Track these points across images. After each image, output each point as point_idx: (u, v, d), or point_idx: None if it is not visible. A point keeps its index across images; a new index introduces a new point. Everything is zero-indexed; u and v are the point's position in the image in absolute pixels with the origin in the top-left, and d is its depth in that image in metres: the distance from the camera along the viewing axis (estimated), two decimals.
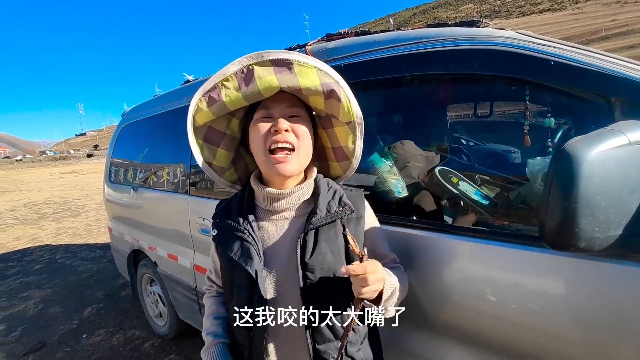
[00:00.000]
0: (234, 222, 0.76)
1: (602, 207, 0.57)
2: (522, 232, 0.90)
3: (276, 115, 0.73)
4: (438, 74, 0.97)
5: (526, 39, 0.83)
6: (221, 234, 0.79)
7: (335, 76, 0.73)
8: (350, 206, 0.77)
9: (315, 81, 0.71)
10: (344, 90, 0.73)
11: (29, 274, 4.06)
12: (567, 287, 0.74)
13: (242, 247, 0.73)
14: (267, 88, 0.70)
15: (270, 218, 0.79)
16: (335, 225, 0.76)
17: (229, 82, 0.72)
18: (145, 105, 2.55)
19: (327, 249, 0.74)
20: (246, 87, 0.71)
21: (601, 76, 0.71)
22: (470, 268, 0.89)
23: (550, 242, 0.62)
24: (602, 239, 0.59)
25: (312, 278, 0.71)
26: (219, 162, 0.85)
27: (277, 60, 0.70)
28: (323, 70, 0.72)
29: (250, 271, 0.71)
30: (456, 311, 0.92)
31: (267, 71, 0.70)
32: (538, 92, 0.87)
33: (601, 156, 0.56)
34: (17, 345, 2.56)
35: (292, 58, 0.70)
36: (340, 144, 0.81)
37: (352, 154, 0.82)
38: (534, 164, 0.92)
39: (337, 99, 0.72)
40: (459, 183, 1.07)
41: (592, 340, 0.72)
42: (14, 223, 7.20)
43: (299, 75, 0.70)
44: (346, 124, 0.77)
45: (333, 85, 0.71)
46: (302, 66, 0.70)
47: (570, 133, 0.95)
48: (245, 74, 0.71)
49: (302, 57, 0.71)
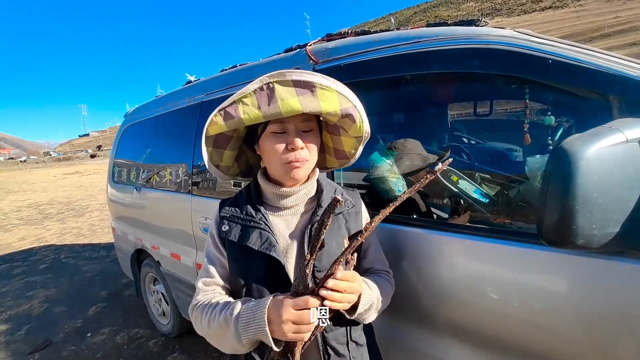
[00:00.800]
0: (247, 214, 0.78)
1: (599, 204, 0.58)
2: (522, 229, 0.91)
3: (290, 129, 0.75)
4: (438, 73, 0.98)
5: (525, 38, 0.84)
6: (233, 228, 0.79)
7: (354, 100, 0.75)
8: (350, 201, 0.85)
9: (336, 106, 0.72)
10: (360, 113, 0.75)
11: (34, 274, 4.09)
12: (566, 285, 0.75)
13: (262, 237, 0.75)
14: (289, 111, 0.71)
15: (278, 214, 0.81)
16: (338, 219, 0.81)
17: (248, 99, 0.72)
18: (147, 106, 2.57)
19: (331, 239, 0.77)
20: (267, 106, 0.71)
21: (599, 74, 0.71)
22: (469, 266, 0.89)
23: (548, 239, 0.62)
24: (600, 236, 0.59)
25: (318, 266, 0.75)
26: (225, 163, 0.87)
27: (299, 81, 0.71)
28: (343, 95, 0.73)
29: (277, 257, 0.72)
30: (456, 309, 0.92)
31: (289, 92, 0.71)
32: (537, 91, 0.88)
33: (599, 154, 0.57)
34: (23, 344, 2.59)
35: (315, 81, 0.70)
36: (344, 149, 0.85)
37: (352, 157, 0.87)
38: (533, 162, 0.93)
39: (352, 120, 0.75)
40: (459, 181, 1.07)
41: (592, 337, 0.72)
42: (18, 223, 7.26)
43: (320, 99, 0.71)
44: (354, 137, 0.80)
45: (351, 109, 0.74)
46: (324, 90, 0.71)
47: (569, 131, 0.95)
48: (265, 91, 0.72)
49: (325, 80, 0.72)
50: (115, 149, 2.91)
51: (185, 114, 1.94)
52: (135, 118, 2.68)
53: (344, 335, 0.78)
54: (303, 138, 0.75)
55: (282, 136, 0.75)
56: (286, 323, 0.63)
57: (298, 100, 0.70)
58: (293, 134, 0.75)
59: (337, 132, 0.83)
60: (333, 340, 0.76)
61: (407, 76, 1.04)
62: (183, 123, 1.96)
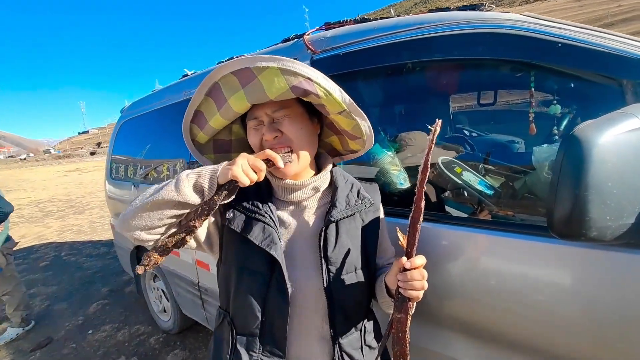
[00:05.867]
0: (253, 205, 0.72)
1: (614, 194, 0.55)
2: (528, 222, 0.88)
3: (265, 121, 0.71)
4: (441, 60, 0.94)
5: (532, 21, 0.80)
6: (237, 217, 0.72)
7: (305, 71, 0.64)
8: (369, 199, 0.78)
9: (282, 86, 0.63)
10: (320, 84, 0.64)
11: (35, 271, 4.09)
12: (577, 279, 0.72)
13: (264, 231, 0.69)
14: (240, 108, 0.68)
15: (286, 209, 0.76)
16: (354, 219, 0.76)
17: (205, 106, 0.72)
18: (143, 101, 2.53)
19: (348, 242, 0.73)
20: (220, 108, 0.70)
21: (612, 57, 0.68)
22: (474, 259, 0.86)
23: (559, 232, 0.59)
24: (614, 227, 0.56)
25: (334, 271, 0.71)
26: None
27: (239, 71, 0.66)
28: (288, 70, 0.63)
29: (277, 256, 0.67)
30: (461, 303, 0.90)
31: (233, 87, 0.67)
32: (546, 77, 0.84)
33: (613, 140, 0.54)
34: (24, 342, 2.58)
35: (251, 65, 0.64)
36: (346, 128, 0.78)
37: (361, 133, 0.76)
38: (541, 152, 0.89)
39: (316, 94, 0.65)
40: (463, 173, 1.04)
41: (603, 333, 0.70)
42: (19, 221, 7.26)
43: (264, 84, 0.64)
44: (338, 114, 0.71)
45: (304, 84, 0.63)
46: (263, 70, 0.63)
47: (580, 118, 0.92)
48: (213, 92, 0.70)
49: (262, 61, 0.63)
50: (113, 145, 2.88)
51: (182, 108, 1.90)
52: (132, 113, 2.64)
53: (358, 340, 0.76)
54: (279, 126, 0.70)
55: (259, 129, 0.71)
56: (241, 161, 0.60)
57: (243, 93, 0.66)
58: (266, 125, 0.70)
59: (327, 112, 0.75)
60: (348, 347, 0.73)
61: (408, 64, 1.00)
62: (179, 117, 1.92)
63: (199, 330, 2.47)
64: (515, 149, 1.35)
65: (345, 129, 0.77)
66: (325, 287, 0.70)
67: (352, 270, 0.73)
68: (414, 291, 0.60)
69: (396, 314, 0.63)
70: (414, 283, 0.60)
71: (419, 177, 0.60)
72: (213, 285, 1.76)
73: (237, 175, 0.58)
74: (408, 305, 0.62)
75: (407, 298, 0.61)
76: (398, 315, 0.63)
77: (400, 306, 0.62)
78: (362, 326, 0.77)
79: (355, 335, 0.75)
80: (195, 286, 1.90)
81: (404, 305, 0.62)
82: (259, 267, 0.70)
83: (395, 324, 0.63)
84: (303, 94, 0.65)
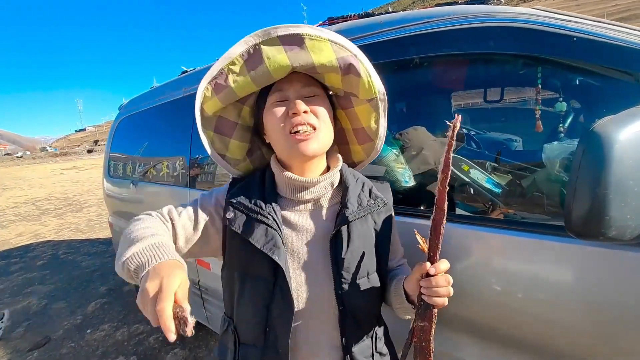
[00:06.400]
0: (256, 205, 0.68)
1: (635, 192, 0.53)
2: (537, 220, 0.86)
3: (292, 96, 0.67)
4: (450, 54, 0.92)
5: (546, 15, 0.78)
6: (238, 217, 0.68)
7: (353, 49, 0.66)
8: (382, 199, 0.74)
9: (331, 56, 0.64)
10: (363, 64, 0.66)
11: (32, 270, 4.05)
12: (587, 279, 0.70)
13: (267, 234, 0.65)
14: (277, 68, 0.64)
15: (294, 208, 0.72)
16: (367, 220, 0.72)
17: (236, 66, 0.66)
18: (142, 98, 2.50)
19: (361, 245, 0.69)
20: (254, 69, 0.65)
21: (630, 52, 0.66)
22: (482, 259, 0.85)
23: (577, 231, 0.57)
24: (634, 227, 0.54)
25: (346, 277, 0.67)
26: (233, 154, 0.78)
27: (285, 36, 0.63)
28: (338, 43, 0.65)
29: (279, 262, 0.63)
30: (467, 303, 0.88)
31: (277, 50, 0.63)
32: (560, 72, 0.82)
33: (634, 137, 0.52)
34: (22, 341, 2.55)
35: (303, 32, 0.63)
36: (362, 124, 0.75)
37: (376, 135, 0.75)
38: (552, 149, 0.88)
39: (356, 74, 0.65)
40: (470, 171, 1.02)
41: (615, 334, 0.68)
42: (16, 219, 7.20)
43: (311, 51, 0.63)
44: (367, 101, 0.70)
45: (351, 58, 0.65)
46: (314, 40, 0.63)
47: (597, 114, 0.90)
48: (252, 54, 0.65)
49: (314, 30, 0.64)
50: (110, 143, 2.85)
51: (181, 105, 1.88)
52: (130, 110, 2.61)
53: (369, 347, 0.72)
54: (307, 102, 0.67)
55: (283, 104, 0.68)
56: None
57: (287, 56, 0.63)
58: (294, 99, 0.67)
59: (350, 104, 0.74)
60: (359, 355, 0.70)
61: (416, 59, 0.98)
62: (179, 114, 1.90)
63: (199, 329, 2.45)
64: (514, 147, 1.33)
65: (363, 127, 0.75)
66: (337, 292, 0.67)
67: (364, 275, 0.69)
68: (439, 298, 0.58)
69: (419, 322, 0.60)
70: (438, 290, 0.57)
71: (440, 176, 0.58)
72: (213, 284, 1.74)
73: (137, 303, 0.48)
74: (432, 313, 0.59)
75: (431, 305, 0.59)
76: (421, 323, 0.60)
77: (423, 314, 0.60)
78: (373, 333, 0.74)
79: (366, 343, 0.72)
80: (196, 285, 1.88)
81: (427, 313, 0.59)
82: (262, 272, 0.66)
83: (418, 333, 0.60)
84: (346, 69, 0.65)
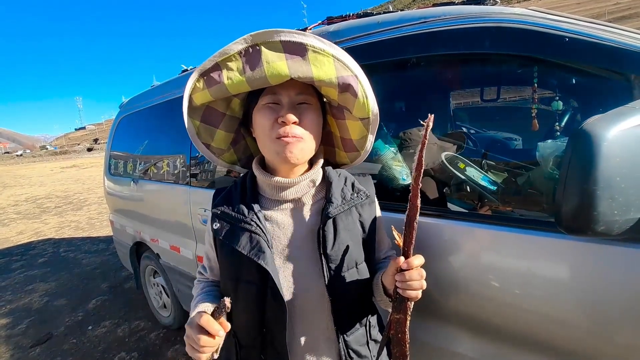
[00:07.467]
0: (239, 213, 0.70)
1: (622, 188, 0.54)
2: (532, 217, 0.88)
3: (284, 101, 0.67)
4: (446, 54, 0.93)
5: (540, 16, 0.79)
6: (224, 227, 0.71)
7: (355, 69, 0.65)
8: (364, 191, 0.75)
9: (331, 73, 0.63)
10: (362, 85, 0.65)
11: (33, 268, 4.08)
12: (583, 274, 0.72)
13: (252, 241, 0.67)
14: (275, 75, 0.62)
15: (278, 208, 0.73)
16: (351, 213, 0.73)
17: (232, 63, 0.64)
18: (142, 96, 2.50)
19: (347, 237, 0.70)
20: (251, 71, 0.63)
21: (621, 52, 0.67)
22: (477, 255, 0.86)
23: (567, 226, 0.59)
24: (622, 222, 0.56)
25: (335, 269, 0.68)
26: (218, 144, 0.80)
27: (289, 42, 0.62)
28: (342, 61, 0.63)
29: (265, 266, 0.65)
30: (463, 299, 0.90)
31: (278, 56, 0.62)
32: (553, 72, 0.84)
33: (621, 135, 0.54)
34: (24, 338, 2.58)
35: (307, 42, 0.61)
36: (351, 137, 0.76)
37: (362, 147, 0.77)
38: (545, 147, 0.89)
39: (354, 94, 0.65)
40: (466, 169, 1.04)
41: (610, 329, 0.70)
42: (16, 217, 7.23)
43: (313, 64, 0.62)
44: (360, 119, 0.70)
45: (351, 79, 0.64)
46: (317, 53, 0.62)
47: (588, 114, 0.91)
48: (251, 54, 0.63)
49: (319, 42, 0.62)
50: (111, 141, 2.86)
51: (181, 103, 1.88)
52: (131, 109, 2.62)
53: (364, 336, 0.74)
54: (298, 112, 0.66)
55: (274, 108, 0.67)
56: None
57: (286, 64, 0.61)
58: (286, 106, 0.66)
59: (342, 116, 0.75)
60: (354, 343, 0.72)
61: (413, 59, 1.00)
62: (180, 112, 1.91)
63: None
64: (514, 145, 1.35)
65: (351, 139, 0.76)
66: (328, 285, 0.68)
67: (353, 265, 0.71)
68: (413, 291, 0.59)
69: (395, 314, 0.62)
70: (412, 283, 0.59)
71: (413, 174, 0.59)
72: None
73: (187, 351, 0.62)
74: (407, 306, 0.60)
75: (405, 298, 0.60)
76: (397, 315, 0.61)
77: (398, 307, 0.61)
78: (367, 321, 0.76)
79: (360, 331, 0.74)
80: None
81: (402, 306, 0.61)
82: (251, 277, 0.68)
83: (394, 325, 0.62)
84: (345, 88, 0.65)
